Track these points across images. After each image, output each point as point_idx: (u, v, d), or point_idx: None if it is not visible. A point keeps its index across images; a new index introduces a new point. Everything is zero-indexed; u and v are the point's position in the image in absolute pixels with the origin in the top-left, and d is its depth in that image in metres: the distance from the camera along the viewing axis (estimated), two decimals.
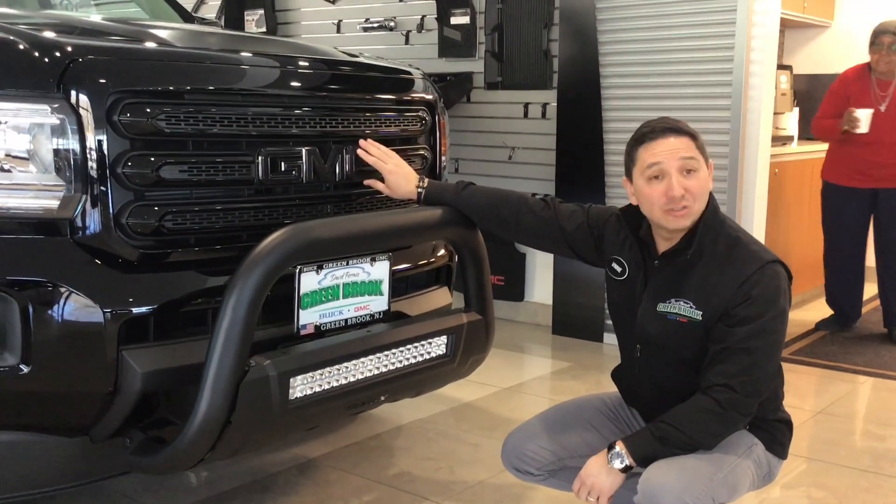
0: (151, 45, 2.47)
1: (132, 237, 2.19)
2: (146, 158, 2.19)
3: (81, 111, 2.10)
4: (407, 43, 5.44)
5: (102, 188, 2.14)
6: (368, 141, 2.60)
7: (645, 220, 2.27)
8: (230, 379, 2.10)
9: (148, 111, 2.18)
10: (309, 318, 2.36)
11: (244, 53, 2.55)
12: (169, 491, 2.98)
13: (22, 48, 2.13)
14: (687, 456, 2.11)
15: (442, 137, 3.01)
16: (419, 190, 2.59)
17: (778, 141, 5.34)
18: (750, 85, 4.33)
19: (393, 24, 5.48)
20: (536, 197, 2.54)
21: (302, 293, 2.32)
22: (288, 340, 2.33)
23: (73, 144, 2.10)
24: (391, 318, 2.56)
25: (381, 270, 2.50)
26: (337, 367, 2.34)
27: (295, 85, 2.55)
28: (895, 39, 4.77)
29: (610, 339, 4.72)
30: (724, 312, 2.13)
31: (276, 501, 2.94)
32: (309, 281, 2.34)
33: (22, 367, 2.06)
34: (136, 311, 2.16)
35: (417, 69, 3.01)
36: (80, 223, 2.13)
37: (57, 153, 2.10)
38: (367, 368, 2.43)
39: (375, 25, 5.53)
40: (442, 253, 2.93)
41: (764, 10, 4.33)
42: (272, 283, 2.16)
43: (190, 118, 2.25)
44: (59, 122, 2.09)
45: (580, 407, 2.48)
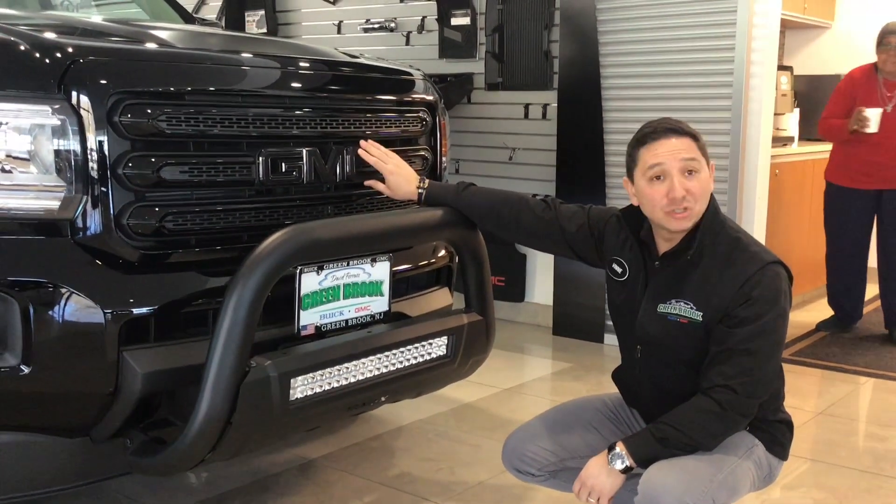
0: (152, 46, 2.47)
1: (133, 238, 2.19)
2: (147, 159, 2.19)
3: (82, 112, 2.10)
4: (407, 44, 5.44)
5: (103, 189, 2.14)
6: (369, 142, 2.61)
7: (646, 220, 2.27)
8: (231, 380, 2.10)
9: (149, 112, 2.18)
10: (309, 318, 2.36)
11: (245, 54, 2.54)
12: (169, 491, 2.98)
13: (23, 49, 2.13)
14: (687, 457, 2.11)
15: (442, 138, 3.01)
16: (420, 191, 2.59)
17: (778, 142, 5.33)
18: (750, 86, 4.33)
19: (393, 24, 5.48)
20: (537, 198, 2.54)
21: (302, 294, 2.32)
22: (288, 341, 2.33)
23: (73, 145, 2.10)
24: (392, 318, 2.56)
25: (381, 271, 2.50)
26: (337, 367, 2.34)
27: (295, 86, 2.55)
28: None
29: (610, 339, 4.72)
30: (724, 313, 2.13)
31: (276, 502, 2.94)
32: (309, 281, 2.34)
33: (22, 367, 2.06)
34: (136, 311, 2.16)
35: (418, 70, 3.01)
36: (80, 224, 2.13)
37: (58, 154, 2.10)
38: (367, 369, 2.43)
39: (376, 26, 5.53)
40: (442, 254, 2.93)
41: (764, 11, 4.32)
42: (273, 283, 2.16)
43: (191, 119, 2.25)
44: (59, 122, 2.09)
45: (581, 408, 2.48)
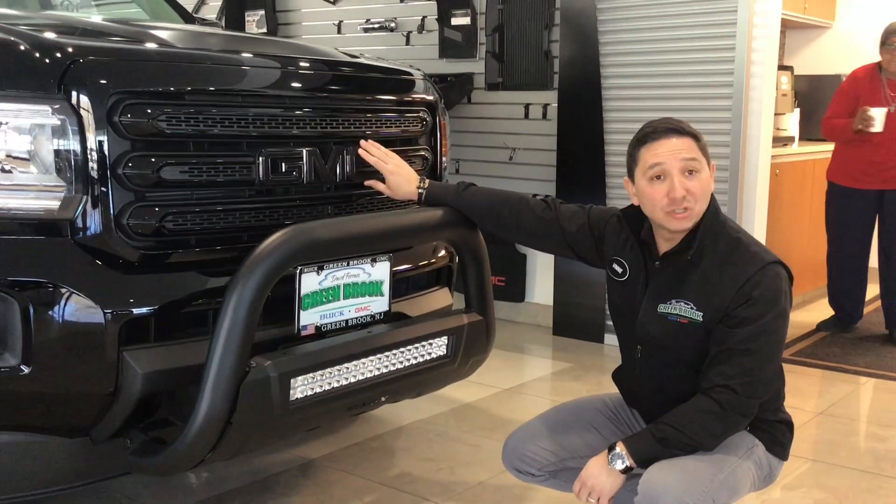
0: (152, 45, 2.47)
1: (133, 238, 2.19)
2: (147, 159, 2.19)
3: (82, 112, 2.10)
4: (408, 44, 5.44)
5: (103, 189, 2.14)
6: (369, 141, 2.61)
7: (646, 220, 2.27)
8: (231, 380, 2.10)
9: (149, 112, 2.18)
10: (310, 318, 2.36)
11: (245, 54, 2.54)
12: (169, 491, 2.98)
13: (23, 49, 2.13)
14: (687, 457, 2.11)
15: (442, 138, 3.01)
16: (420, 191, 2.59)
17: (779, 142, 5.33)
18: (751, 86, 4.33)
19: (394, 24, 5.48)
20: (537, 198, 2.54)
21: (303, 294, 2.32)
22: (289, 341, 2.33)
23: (73, 145, 2.10)
24: (392, 318, 2.56)
25: (381, 271, 2.50)
26: (338, 367, 2.34)
27: (295, 86, 2.55)
28: None
29: (611, 339, 4.72)
30: (724, 313, 2.13)
31: (276, 502, 2.94)
32: (310, 282, 2.33)
33: (23, 367, 2.06)
34: (136, 311, 2.16)
35: (418, 70, 3.01)
36: (80, 224, 2.13)
37: (58, 154, 2.10)
38: (367, 369, 2.43)
39: (376, 26, 5.53)
40: (442, 254, 2.93)
41: (765, 10, 4.32)
42: (273, 283, 2.16)
43: (191, 119, 2.25)
44: (59, 122, 2.09)
45: (581, 408, 2.48)
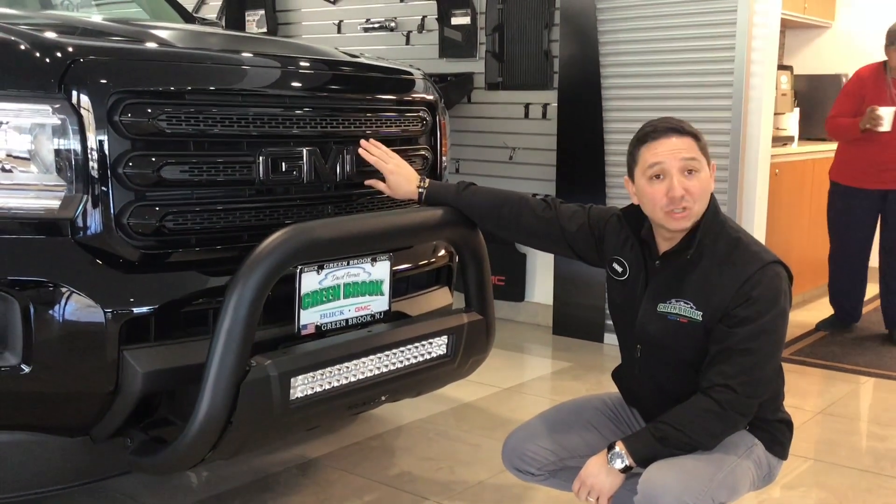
0: (152, 45, 2.47)
1: (133, 237, 2.19)
2: (147, 159, 2.19)
3: (82, 111, 2.10)
4: (408, 43, 5.44)
5: (103, 188, 2.14)
6: (370, 141, 2.61)
7: (646, 220, 2.27)
8: (231, 379, 2.10)
9: (149, 111, 2.18)
10: (310, 318, 2.36)
11: (245, 54, 2.55)
12: (170, 491, 2.98)
13: (23, 48, 2.13)
14: (687, 456, 2.11)
15: (443, 138, 3.01)
16: (420, 190, 2.59)
17: (778, 141, 5.33)
18: (751, 85, 4.33)
19: (394, 24, 5.48)
20: (537, 197, 2.54)
21: (303, 293, 2.32)
22: (289, 340, 2.33)
23: (74, 145, 2.10)
24: (392, 318, 2.56)
25: (381, 271, 2.50)
26: (338, 367, 2.34)
27: (296, 85, 2.55)
28: None
29: (610, 339, 4.72)
30: (724, 313, 2.13)
31: (276, 501, 2.94)
32: (310, 281, 2.34)
33: (23, 366, 2.06)
34: (137, 311, 2.16)
35: (418, 69, 3.01)
36: (81, 223, 2.13)
37: (58, 153, 2.10)
38: (367, 368, 2.43)
39: (376, 26, 5.53)
40: (442, 253, 2.93)
41: (765, 10, 4.32)
42: (273, 283, 2.16)
43: (191, 118, 2.25)
44: (60, 122, 2.09)
45: (580, 407, 2.48)
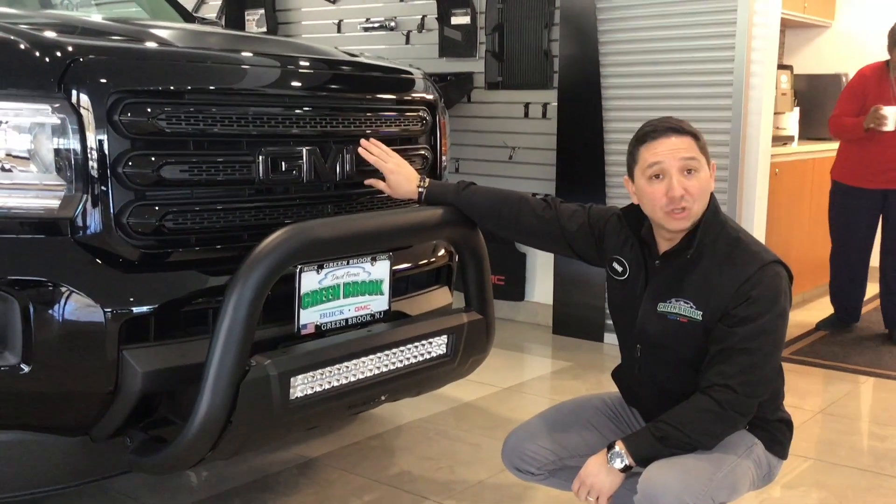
0: (152, 44, 2.47)
1: (133, 237, 2.19)
2: (147, 158, 2.19)
3: (82, 111, 2.10)
4: (407, 43, 5.44)
5: (103, 188, 2.14)
6: (370, 140, 2.61)
7: (646, 219, 2.27)
8: (231, 378, 2.10)
9: (149, 111, 2.18)
10: (309, 317, 2.36)
11: (245, 53, 2.55)
12: (170, 490, 2.98)
13: (23, 48, 2.13)
14: (687, 456, 2.11)
15: (442, 137, 3.01)
16: (420, 190, 2.59)
17: (778, 141, 5.33)
18: (750, 85, 4.33)
19: (393, 23, 5.48)
20: (537, 197, 2.54)
21: (302, 293, 2.32)
22: (288, 340, 2.33)
23: (73, 144, 2.10)
24: (392, 317, 2.56)
25: (381, 270, 2.50)
26: (337, 366, 2.34)
27: (295, 85, 2.55)
28: None
29: (610, 338, 4.72)
30: (724, 313, 2.13)
31: (276, 501, 2.94)
32: (309, 280, 2.34)
33: (23, 366, 2.06)
34: (136, 310, 2.16)
35: (418, 69, 3.01)
36: (80, 223, 2.13)
37: (58, 153, 2.10)
38: (367, 368, 2.43)
39: (376, 25, 5.53)
40: (442, 253, 2.93)
41: (765, 10, 4.32)
42: (273, 282, 2.16)
43: (191, 118, 2.25)
44: (59, 121, 2.09)
45: (580, 406, 2.48)
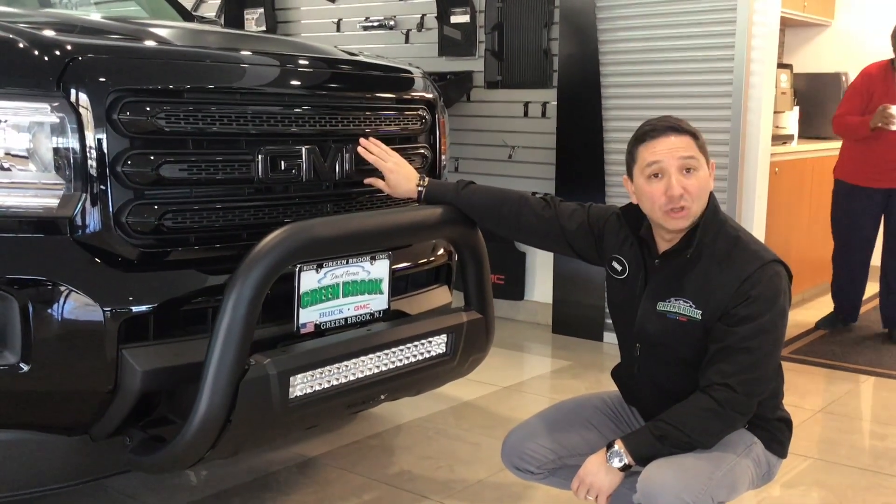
0: (151, 43, 2.47)
1: (132, 236, 2.19)
2: (146, 157, 2.19)
3: (81, 110, 2.09)
4: (407, 42, 5.44)
5: (102, 187, 2.13)
6: (369, 139, 2.60)
7: (645, 219, 2.27)
8: (230, 378, 2.10)
9: (148, 110, 2.18)
10: (309, 316, 2.36)
11: (244, 52, 2.54)
12: (169, 490, 2.98)
13: (22, 47, 2.13)
14: (686, 455, 2.11)
15: (442, 136, 3.01)
16: (419, 189, 2.59)
17: (778, 140, 5.33)
18: (750, 84, 4.33)
19: (393, 22, 5.48)
20: (537, 196, 2.54)
21: (302, 292, 2.32)
22: (288, 339, 2.33)
23: (72, 143, 2.10)
24: (391, 316, 2.56)
25: (381, 269, 2.50)
26: (337, 365, 2.34)
27: (295, 83, 2.55)
28: None
29: (610, 337, 4.72)
30: (723, 312, 2.13)
31: (276, 500, 2.94)
32: (309, 280, 2.33)
33: (22, 365, 2.06)
34: (135, 309, 2.15)
35: (417, 68, 3.01)
36: (79, 222, 2.13)
37: (57, 152, 2.10)
38: (366, 367, 2.43)
39: (375, 24, 5.53)
40: (442, 252, 2.93)
41: (764, 9, 4.32)
42: (272, 281, 2.16)
43: (190, 117, 2.25)
44: (58, 120, 2.09)
45: (580, 405, 2.48)
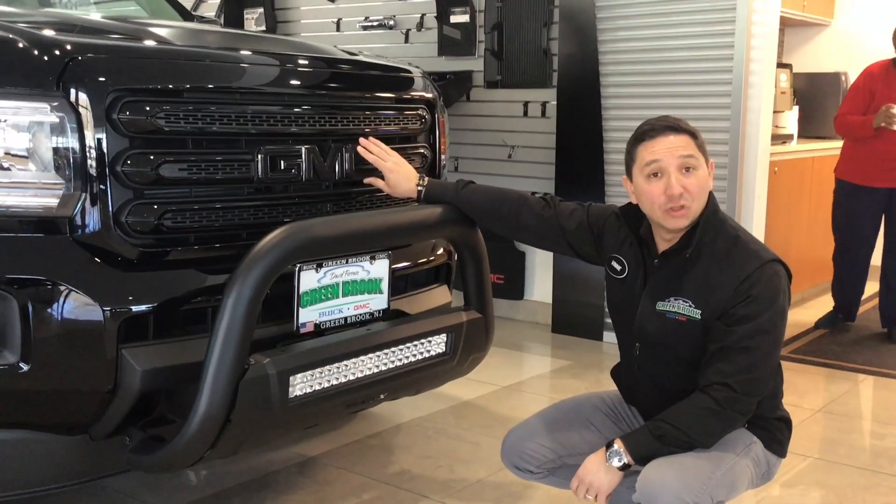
0: (151, 43, 2.47)
1: (132, 235, 2.19)
2: (145, 157, 2.19)
3: (81, 109, 2.09)
4: (407, 41, 5.44)
5: (102, 186, 2.14)
6: (369, 139, 2.61)
7: (645, 218, 2.27)
8: (230, 377, 2.10)
9: (147, 109, 2.18)
10: (308, 316, 2.36)
11: (244, 52, 2.54)
12: (168, 489, 2.98)
13: (21, 46, 2.13)
14: (685, 454, 2.11)
15: (441, 136, 3.01)
16: (419, 188, 2.59)
17: (777, 139, 5.33)
18: (750, 83, 4.33)
19: (392, 22, 5.48)
20: (536, 195, 2.54)
21: (301, 291, 2.32)
22: (287, 339, 2.33)
23: (72, 143, 2.10)
24: (391, 316, 2.56)
25: (380, 269, 2.50)
26: (336, 365, 2.34)
27: (294, 83, 2.55)
28: None
29: (609, 337, 4.72)
30: (723, 311, 2.13)
31: (275, 499, 2.94)
32: (308, 279, 2.34)
33: (21, 365, 2.06)
34: (135, 309, 2.15)
35: (417, 68, 3.01)
36: (79, 221, 2.13)
37: (56, 151, 2.10)
38: (366, 367, 2.43)
39: (375, 24, 5.53)
40: (441, 251, 2.93)
41: (764, 8, 4.32)
42: (272, 281, 2.16)
43: (189, 116, 2.25)
44: (58, 120, 2.09)
45: (580, 405, 2.48)
